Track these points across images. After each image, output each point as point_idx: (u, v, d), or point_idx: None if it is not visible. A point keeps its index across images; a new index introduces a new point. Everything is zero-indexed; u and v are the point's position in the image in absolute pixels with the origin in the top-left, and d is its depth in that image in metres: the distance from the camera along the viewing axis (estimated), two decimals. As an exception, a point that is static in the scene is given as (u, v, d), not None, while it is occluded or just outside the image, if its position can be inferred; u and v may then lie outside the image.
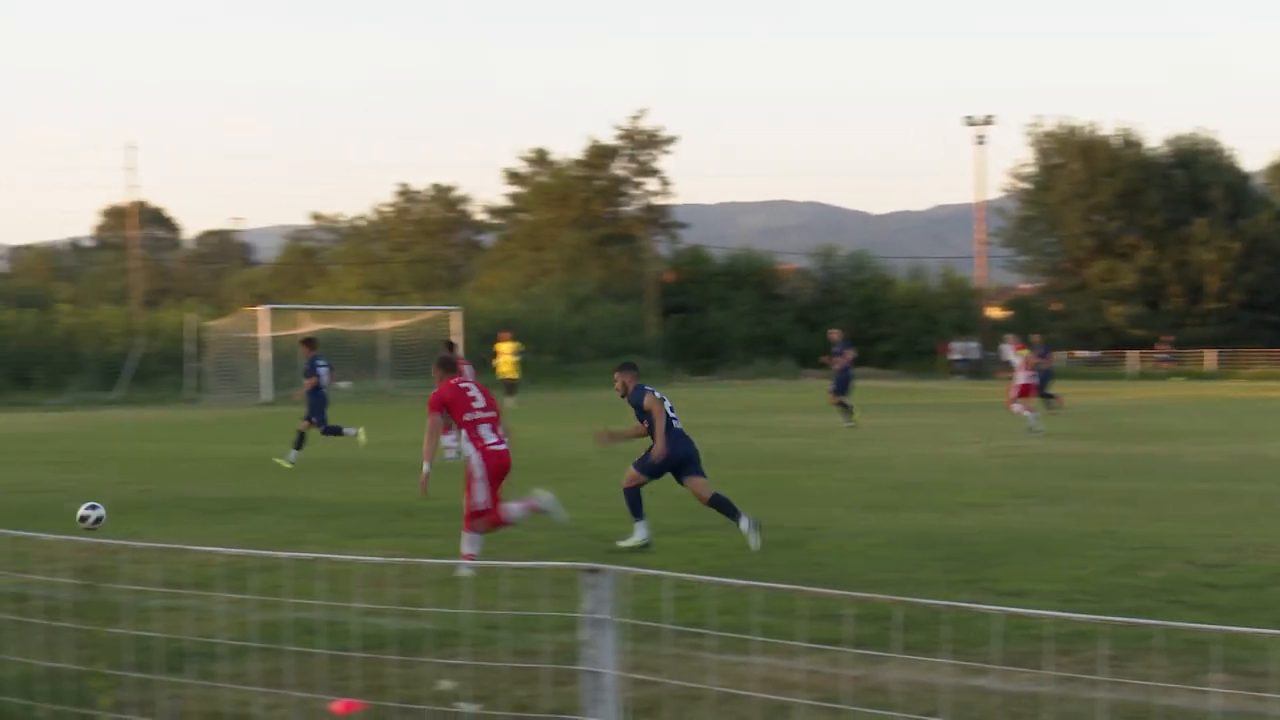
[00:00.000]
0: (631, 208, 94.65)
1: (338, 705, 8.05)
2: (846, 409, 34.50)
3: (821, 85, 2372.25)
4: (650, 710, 7.72)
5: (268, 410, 53.25)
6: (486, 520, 14.35)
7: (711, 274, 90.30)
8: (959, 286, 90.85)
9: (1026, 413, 32.91)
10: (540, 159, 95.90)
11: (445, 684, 8.15)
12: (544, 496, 14.59)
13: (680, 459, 15.82)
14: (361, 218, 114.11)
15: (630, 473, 15.91)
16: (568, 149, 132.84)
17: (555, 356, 75.47)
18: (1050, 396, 37.57)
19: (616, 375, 16.60)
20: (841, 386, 34.70)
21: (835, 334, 35.76)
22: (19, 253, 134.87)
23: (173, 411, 53.21)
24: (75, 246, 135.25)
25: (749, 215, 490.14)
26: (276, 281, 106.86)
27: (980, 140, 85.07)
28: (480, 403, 14.64)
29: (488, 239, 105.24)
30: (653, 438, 15.79)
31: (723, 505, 15.69)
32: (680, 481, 16.09)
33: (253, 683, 7.49)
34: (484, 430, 14.49)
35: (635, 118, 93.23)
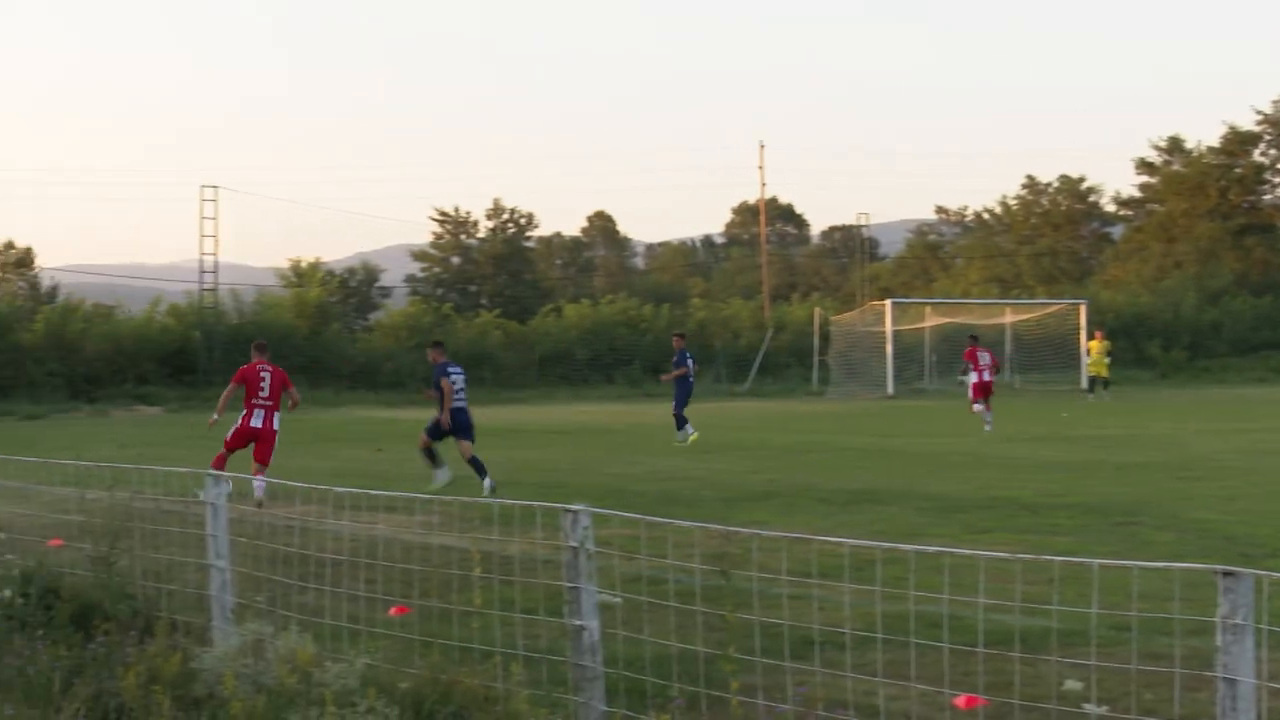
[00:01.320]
0: (1273, 196, 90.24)
1: (961, 700, 8.03)
2: None
3: None
4: (1290, 723, 7.33)
5: (891, 404, 53.75)
6: (219, 457, 19.08)
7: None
8: None
9: None
10: (1174, 147, 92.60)
11: (1072, 684, 8.00)
12: (259, 483, 18.12)
13: (457, 426, 21.00)
14: (986, 210, 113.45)
15: (422, 437, 21.58)
16: (1204, 136, 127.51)
17: (1187, 351, 72.99)
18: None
19: (429, 351, 22.18)
20: None
21: None
22: (654, 250, 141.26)
23: (798, 404, 54.48)
24: (708, 243, 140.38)
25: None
26: (900, 276, 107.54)
27: None
28: (265, 392, 19.77)
29: (1116, 231, 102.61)
30: (440, 408, 21.04)
31: (475, 465, 20.64)
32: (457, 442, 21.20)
33: (877, 673, 7.56)
34: (257, 413, 19.73)
35: (1279, 102, 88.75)
